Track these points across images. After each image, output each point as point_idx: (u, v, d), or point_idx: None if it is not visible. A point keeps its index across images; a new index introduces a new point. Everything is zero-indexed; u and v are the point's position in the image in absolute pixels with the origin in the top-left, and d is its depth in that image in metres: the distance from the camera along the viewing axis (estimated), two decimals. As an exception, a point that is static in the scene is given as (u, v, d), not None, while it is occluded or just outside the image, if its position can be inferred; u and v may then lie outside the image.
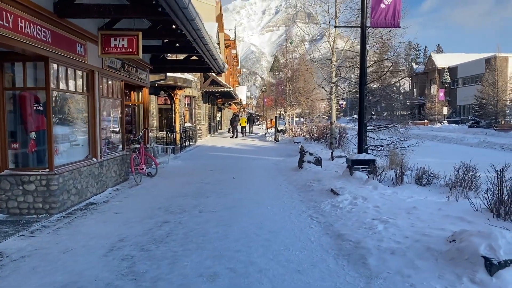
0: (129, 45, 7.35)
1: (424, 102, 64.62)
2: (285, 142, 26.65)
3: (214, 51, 11.16)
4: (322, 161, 12.44)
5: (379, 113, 17.97)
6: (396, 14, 9.36)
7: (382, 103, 15.49)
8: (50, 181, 7.19)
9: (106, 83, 10.39)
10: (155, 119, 23.23)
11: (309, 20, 17.58)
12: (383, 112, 68.82)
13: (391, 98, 61.18)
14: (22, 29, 6.19)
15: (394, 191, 8.05)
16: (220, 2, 44.13)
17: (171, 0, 6.25)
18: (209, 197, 8.89)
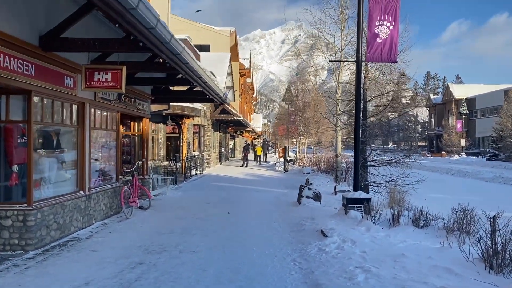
0: (112, 79, 7.27)
1: (442, 133, 63.55)
2: (294, 173, 26.27)
3: (210, 83, 11.06)
4: (321, 197, 12.04)
5: (384, 146, 17.51)
6: (393, 49, 9.13)
7: (385, 136, 14.98)
8: (27, 216, 7.01)
9: (100, 115, 10.35)
10: (163, 148, 23.23)
11: (328, 50, 17.44)
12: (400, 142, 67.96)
13: (408, 128, 60.65)
14: (1, 63, 6.15)
15: (387, 234, 7.61)
16: (236, 33, 44.76)
17: (151, 36, 6.15)
18: (195, 234, 8.57)
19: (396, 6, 9.09)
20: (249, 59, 54.51)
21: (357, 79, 9.44)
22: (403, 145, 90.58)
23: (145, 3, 5.12)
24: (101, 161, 10.72)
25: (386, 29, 9.11)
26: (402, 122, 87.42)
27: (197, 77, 9.64)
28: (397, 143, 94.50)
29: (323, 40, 18.23)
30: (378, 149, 12.66)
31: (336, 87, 16.65)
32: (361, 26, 9.49)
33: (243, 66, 49.11)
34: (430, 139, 77.29)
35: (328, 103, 16.81)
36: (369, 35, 9.32)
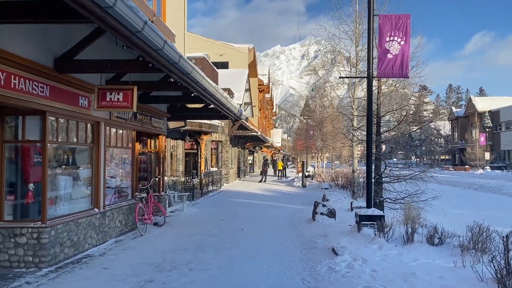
0: (124, 98, 7.44)
1: (465, 147, 62.25)
2: (312, 188, 26.09)
3: (223, 101, 11.18)
4: (336, 213, 11.91)
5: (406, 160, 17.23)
6: (404, 64, 9.08)
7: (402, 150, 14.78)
8: (41, 234, 7.16)
9: (115, 133, 10.58)
10: (182, 164, 23.46)
11: (347, 64, 17.43)
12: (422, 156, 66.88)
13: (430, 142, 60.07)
14: (16, 85, 6.38)
15: (399, 252, 7.46)
16: (254, 49, 45.22)
17: (159, 57, 6.29)
18: (207, 252, 8.59)
19: (406, 22, 9.06)
20: (267, 74, 54.85)
21: (368, 95, 9.40)
22: (425, 159, 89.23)
23: (151, 26, 5.27)
24: (117, 178, 10.92)
25: (397, 44, 9.08)
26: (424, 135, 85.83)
27: (209, 95, 9.76)
28: (419, 157, 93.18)
29: (344, 55, 18.27)
30: (392, 164, 12.44)
31: (352, 102, 16.59)
32: (371, 42, 9.49)
33: (261, 81, 49.46)
34: (453, 152, 75.78)
35: (344, 118, 16.72)
36: (379, 51, 9.30)
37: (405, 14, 9.18)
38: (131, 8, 4.65)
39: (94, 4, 4.15)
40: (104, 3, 4.19)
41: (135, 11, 4.76)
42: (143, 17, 5.01)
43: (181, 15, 16.22)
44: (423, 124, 17.13)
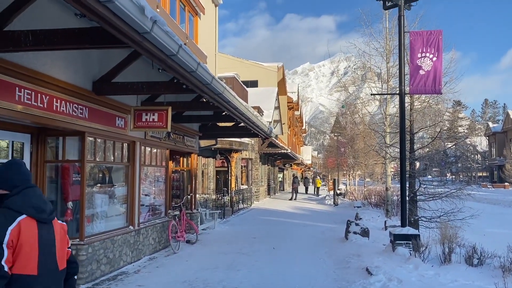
0: (159, 119, 7.66)
1: (504, 163, 60.00)
2: (344, 206, 25.72)
3: (254, 119, 11.29)
4: (369, 232, 11.69)
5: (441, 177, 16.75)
6: (437, 80, 8.96)
7: (437, 167, 14.41)
8: (79, 251, 7.37)
9: (150, 152, 10.84)
10: (213, 182, 23.68)
11: (378, 80, 17.31)
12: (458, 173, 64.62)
13: (466, 159, 58.18)
14: (58, 108, 6.69)
15: (436, 273, 7.26)
16: (283, 68, 45.53)
17: (193, 79, 6.46)
18: (239, 270, 8.60)
19: (438, 38, 8.98)
20: (296, 92, 54.96)
21: (401, 112, 9.29)
22: (461, 176, 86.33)
23: (185, 49, 5.44)
24: (151, 196, 11.13)
25: (429, 61, 8.99)
26: (460, 152, 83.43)
27: (240, 114, 9.90)
28: (455, 174, 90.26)
29: (375, 71, 18.17)
30: (427, 182, 12.14)
31: (384, 119, 16.41)
32: (403, 59, 9.43)
33: (291, 99, 49.59)
34: (491, 169, 73.16)
35: (376, 135, 16.53)
36: (411, 67, 9.23)
37: (436, 30, 9.10)
38: (167, 33, 4.83)
39: (132, 30, 4.35)
40: (142, 29, 4.38)
41: (170, 35, 4.94)
42: (178, 41, 5.19)
43: (212, 37, 16.59)
44: (458, 140, 16.65)
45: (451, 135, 41.30)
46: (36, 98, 6.18)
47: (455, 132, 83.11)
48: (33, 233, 2.53)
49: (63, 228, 2.83)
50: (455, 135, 42.24)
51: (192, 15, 13.76)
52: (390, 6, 9.50)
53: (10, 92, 5.67)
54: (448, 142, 19.42)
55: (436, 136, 12.16)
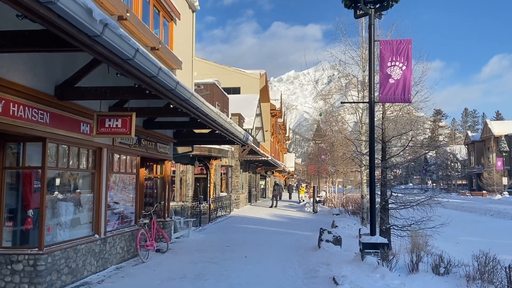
0: (122, 125, 7.49)
1: (482, 172, 61.00)
2: (323, 214, 25.72)
3: (227, 126, 11.20)
4: (341, 240, 11.64)
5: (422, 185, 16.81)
6: (406, 89, 8.99)
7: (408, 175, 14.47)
8: (38, 261, 7.13)
9: (119, 159, 10.64)
10: (191, 189, 23.44)
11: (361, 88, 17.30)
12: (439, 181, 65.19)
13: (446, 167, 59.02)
14: (15, 113, 6.48)
15: (402, 282, 7.21)
16: (266, 75, 45.66)
17: (155, 84, 6.35)
18: (206, 280, 8.44)
19: (408, 47, 9.03)
20: (280, 99, 55.14)
21: (371, 120, 9.29)
22: (442, 184, 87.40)
23: (143, 53, 5.32)
24: (120, 204, 10.90)
25: (399, 69, 9.02)
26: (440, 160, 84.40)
27: (211, 120, 9.79)
28: (436, 182, 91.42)
29: (351, 80, 18.26)
30: (399, 190, 12.17)
31: (360, 127, 16.47)
32: (373, 68, 9.45)
33: (274, 106, 49.72)
34: (470, 177, 74.28)
35: (355, 143, 16.58)
36: (381, 76, 9.25)
37: (406, 39, 9.16)
38: (121, 36, 4.71)
39: (81, 33, 4.22)
40: (91, 32, 4.26)
41: (125, 39, 4.82)
42: (134, 45, 5.08)
43: (189, 42, 16.48)
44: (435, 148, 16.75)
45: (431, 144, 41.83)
46: (-11, 103, 5.98)
47: (436, 140, 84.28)
48: None
49: None
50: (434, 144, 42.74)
51: (167, 20, 13.63)
52: (361, 15, 9.53)
53: (-40, 96, 5.47)
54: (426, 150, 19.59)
55: (407, 145, 12.23)
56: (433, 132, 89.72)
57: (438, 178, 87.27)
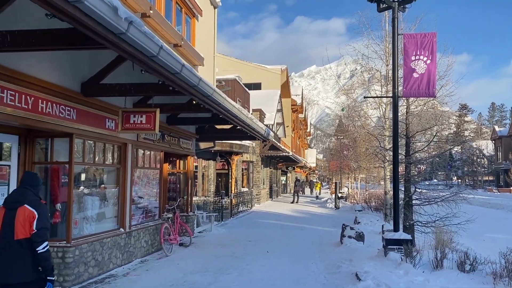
0: (146, 121, 7.61)
1: (510, 167, 59.42)
2: (345, 210, 25.56)
3: (248, 122, 11.24)
4: (364, 237, 11.57)
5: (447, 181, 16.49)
6: (431, 84, 8.84)
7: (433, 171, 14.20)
8: (66, 253, 7.33)
9: (143, 154, 10.81)
10: (213, 184, 23.63)
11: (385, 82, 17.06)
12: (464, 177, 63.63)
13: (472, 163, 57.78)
14: (44, 109, 6.67)
15: (426, 279, 7.13)
16: (287, 70, 45.49)
17: (178, 80, 6.42)
18: (229, 274, 8.52)
19: (432, 41, 8.86)
20: (301, 95, 54.87)
21: (394, 115, 9.18)
22: (467, 180, 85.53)
23: (167, 50, 5.39)
24: (145, 199, 11.09)
25: (423, 63, 8.87)
26: (466, 155, 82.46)
27: (233, 116, 9.85)
28: (461, 178, 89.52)
29: (374, 75, 18.03)
30: (423, 186, 11.97)
31: (383, 122, 16.27)
32: (396, 62, 9.32)
33: (295, 102, 49.54)
34: (497, 173, 72.45)
35: (376, 139, 16.39)
36: (405, 70, 9.12)
37: (431, 33, 8.99)
38: (145, 34, 4.79)
39: (107, 31, 4.31)
40: (117, 30, 4.34)
41: (149, 36, 4.90)
42: (158, 42, 5.15)
43: (211, 38, 16.57)
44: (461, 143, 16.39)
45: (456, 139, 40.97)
46: (20, 99, 6.16)
47: (461, 135, 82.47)
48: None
49: (24, 212, 4.20)
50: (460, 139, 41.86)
51: (189, 17, 13.73)
52: (384, 8, 9.40)
53: (-9, 93, 5.66)
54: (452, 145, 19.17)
55: (431, 140, 12.00)
56: (458, 127, 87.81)
57: (463, 174, 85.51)
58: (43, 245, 4.19)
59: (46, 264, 4.25)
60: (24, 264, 4.14)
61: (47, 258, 4.24)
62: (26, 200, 4.25)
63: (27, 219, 4.16)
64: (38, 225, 4.19)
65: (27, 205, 4.22)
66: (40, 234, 4.19)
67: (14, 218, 4.15)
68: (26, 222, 4.16)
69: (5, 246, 4.13)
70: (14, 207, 4.21)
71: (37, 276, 4.22)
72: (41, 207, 4.35)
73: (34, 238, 4.16)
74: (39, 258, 4.18)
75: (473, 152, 79.27)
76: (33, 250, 4.15)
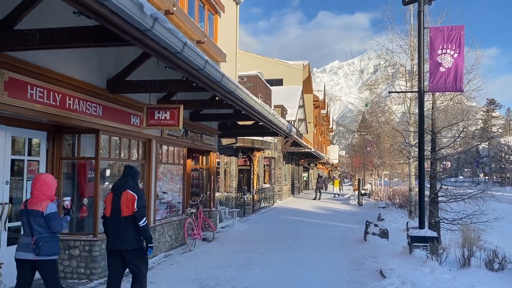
0: (171, 117, 7.68)
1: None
2: (369, 207, 25.29)
3: (271, 118, 11.23)
4: (388, 234, 11.42)
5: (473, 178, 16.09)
6: (458, 78, 8.64)
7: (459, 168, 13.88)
8: (93, 247, 7.49)
9: (167, 150, 10.93)
10: (235, 180, 23.71)
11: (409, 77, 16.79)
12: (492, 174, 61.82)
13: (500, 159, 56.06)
14: (71, 106, 6.81)
15: (453, 277, 6.99)
16: (309, 66, 45.18)
17: (201, 77, 6.46)
18: (252, 269, 8.56)
19: (460, 34, 8.65)
20: (323, 90, 54.46)
21: (420, 110, 9.01)
22: (495, 177, 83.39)
23: (191, 46, 5.42)
24: (169, 194, 11.22)
25: (450, 57, 8.67)
26: (493, 152, 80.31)
27: (255, 112, 9.85)
28: (488, 174, 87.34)
29: (399, 69, 17.75)
30: (450, 183, 11.73)
31: (408, 118, 16.01)
32: (422, 56, 9.13)
33: (317, 97, 49.19)
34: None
35: (400, 135, 16.14)
36: (431, 64, 8.93)
37: (458, 26, 8.78)
38: (170, 30, 4.82)
39: (132, 28, 4.36)
40: (142, 26, 4.38)
41: (174, 33, 4.93)
42: (183, 38, 5.18)
43: (233, 35, 16.59)
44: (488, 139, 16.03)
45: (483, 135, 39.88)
46: (48, 96, 6.31)
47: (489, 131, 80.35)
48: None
49: (127, 195, 5.37)
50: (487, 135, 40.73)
51: (211, 13, 13.79)
52: (409, 1, 9.23)
53: (22, 91, 5.80)
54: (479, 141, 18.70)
55: (458, 136, 11.74)
56: (485, 122, 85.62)
57: (491, 170, 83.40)
58: (143, 220, 5.34)
59: (146, 234, 5.42)
60: (130, 235, 5.32)
61: (146, 230, 5.41)
62: (128, 186, 5.44)
63: (130, 201, 5.32)
64: (138, 205, 5.33)
65: (129, 190, 5.38)
66: (141, 211, 5.35)
67: (120, 200, 5.35)
68: (129, 203, 5.31)
69: (115, 221, 5.37)
70: (119, 192, 5.42)
71: (139, 245, 5.40)
72: (139, 191, 5.51)
73: (136, 215, 5.30)
74: (141, 230, 5.34)
75: (501, 149, 77.16)
76: (136, 224, 5.30)
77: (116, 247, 5.37)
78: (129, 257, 5.37)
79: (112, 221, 5.41)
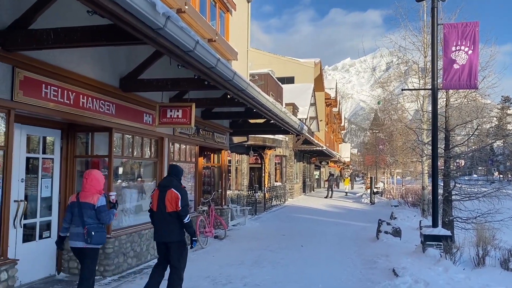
0: (183, 115, 7.72)
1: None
2: (381, 205, 25.14)
3: (282, 116, 11.20)
4: (401, 232, 11.34)
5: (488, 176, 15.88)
6: (472, 75, 8.52)
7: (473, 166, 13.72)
8: (106, 244, 7.54)
9: (179, 148, 10.99)
10: (246, 178, 23.74)
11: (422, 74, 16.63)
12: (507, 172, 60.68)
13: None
14: (84, 104, 6.88)
15: (467, 276, 6.92)
16: (320, 63, 45.01)
17: (213, 75, 6.47)
18: (264, 267, 8.56)
19: (474, 30, 8.53)
20: (335, 88, 54.20)
21: (433, 108, 8.91)
22: (510, 175, 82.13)
23: (203, 45, 5.44)
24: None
25: (464, 54, 8.56)
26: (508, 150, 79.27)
27: (267, 110, 9.83)
28: (503, 173, 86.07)
29: (412, 67, 17.60)
30: (463, 181, 11.60)
31: (421, 115, 15.86)
32: (436, 53, 9.03)
33: (328, 95, 48.99)
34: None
35: (413, 133, 16.00)
36: (445, 61, 8.82)
37: (472, 22, 8.66)
38: (182, 28, 4.84)
39: (145, 26, 4.38)
40: (155, 25, 4.40)
41: (186, 31, 4.95)
42: (195, 37, 5.19)
43: (244, 33, 16.60)
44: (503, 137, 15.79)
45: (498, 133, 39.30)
46: (62, 95, 6.38)
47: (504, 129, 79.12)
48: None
49: (171, 194, 5.83)
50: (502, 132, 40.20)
51: (223, 11, 13.80)
52: (423, -3, 9.12)
53: (36, 90, 5.88)
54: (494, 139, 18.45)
55: (472, 134, 11.59)
56: (500, 120, 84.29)
57: (505, 169, 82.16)
58: (187, 217, 5.88)
59: (190, 230, 5.97)
60: (173, 228, 5.86)
61: (190, 225, 5.96)
62: (172, 185, 5.92)
63: (173, 199, 5.80)
64: (182, 203, 5.82)
65: (173, 189, 5.84)
66: (185, 209, 5.87)
67: (164, 197, 5.85)
68: (173, 200, 5.80)
69: (161, 216, 5.91)
70: (164, 190, 5.90)
71: (181, 238, 5.94)
72: (182, 190, 5.95)
73: (181, 213, 5.81)
74: (185, 226, 5.91)
75: (516, 146, 75.99)
76: (180, 220, 5.85)
77: (162, 239, 5.94)
78: (172, 249, 5.88)
79: (158, 216, 5.94)
